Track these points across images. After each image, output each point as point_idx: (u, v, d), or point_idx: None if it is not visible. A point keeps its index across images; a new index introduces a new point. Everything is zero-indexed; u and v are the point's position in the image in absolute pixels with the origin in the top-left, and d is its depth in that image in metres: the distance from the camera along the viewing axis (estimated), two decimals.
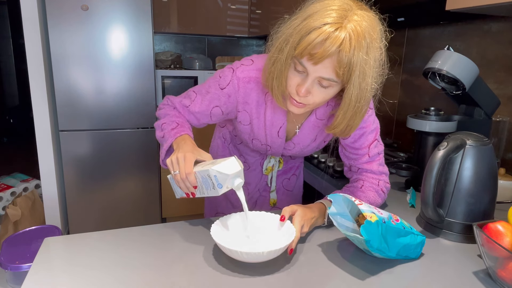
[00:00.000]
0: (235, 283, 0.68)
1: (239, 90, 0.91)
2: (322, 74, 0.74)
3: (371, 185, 0.96)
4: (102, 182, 2.41)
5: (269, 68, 0.81)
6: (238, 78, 0.90)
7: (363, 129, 0.95)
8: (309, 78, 0.76)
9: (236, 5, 2.87)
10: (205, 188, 0.80)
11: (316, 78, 0.75)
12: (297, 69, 0.77)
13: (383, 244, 0.73)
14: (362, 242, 0.74)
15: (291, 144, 1.00)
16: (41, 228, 1.87)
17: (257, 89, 0.91)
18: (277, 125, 0.95)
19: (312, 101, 0.79)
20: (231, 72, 0.91)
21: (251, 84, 0.90)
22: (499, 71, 1.33)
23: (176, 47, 3.13)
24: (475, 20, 1.41)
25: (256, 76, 0.90)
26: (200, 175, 0.78)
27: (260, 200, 1.20)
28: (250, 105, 0.93)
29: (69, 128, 2.29)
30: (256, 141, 1.00)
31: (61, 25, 2.13)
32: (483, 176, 0.85)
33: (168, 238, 0.83)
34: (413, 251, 0.78)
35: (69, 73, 2.21)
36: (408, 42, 1.76)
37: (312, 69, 0.74)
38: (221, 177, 0.76)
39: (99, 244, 0.80)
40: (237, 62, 0.93)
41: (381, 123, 1.05)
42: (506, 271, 0.66)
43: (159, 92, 2.66)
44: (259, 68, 0.90)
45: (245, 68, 0.91)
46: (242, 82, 0.90)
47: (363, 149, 0.96)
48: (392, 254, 0.75)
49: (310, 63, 0.73)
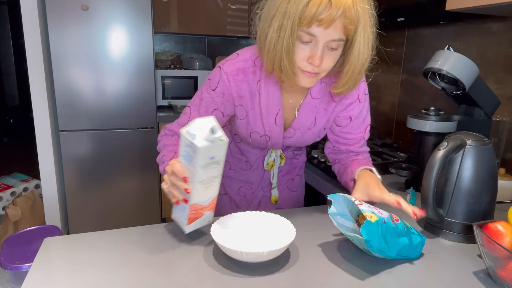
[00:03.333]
0: (235, 283, 0.68)
1: (230, 84, 0.91)
2: (333, 37, 0.75)
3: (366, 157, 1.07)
4: (102, 182, 2.41)
5: (272, 51, 0.79)
6: (226, 73, 0.90)
7: (361, 114, 1.00)
8: (319, 45, 0.76)
9: (236, 5, 2.86)
10: (192, 172, 0.73)
11: (326, 42, 0.76)
12: (304, 41, 0.76)
13: (383, 244, 0.73)
14: (362, 242, 0.74)
15: (291, 131, 1.00)
16: (41, 228, 1.87)
17: (247, 80, 0.91)
18: (273, 113, 0.95)
19: (325, 67, 0.80)
20: (218, 70, 0.91)
21: (240, 75, 0.91)
22: (499, 71, 1.33)
23: (176, 47, 3.13)
24: (475, 20, 1.42)
25: (244, 67, 0.91)
26: (181, 156, 0.74)
27: (264, 200, 1.20)
28: (244, 98, 0.93)
29: (69, 128, 2.29)
30: (255, 133, 0.99)
31: (61, 25, 2.13)
32: (483, 176, 0.85)
33: (168, 238, 0.83)
34: (413, 251, 0.77)
35: (69, 73, 2.21)
36: (408, 42, 1.76)
37: (322, 34, 0.74)
38: (192, 128, 0.71)
39: (99, 244, 0.80)
40: (222, 60, 0.94)
41: (381, 123, 1.05)
42: (506, 271, 0.66)
43: (159, 92, 2.66)
44: (245, 59, 0.91)
45: (231, 62, 0.91)
46: (231, 76, 0.90)
47: (359, 133, 1.02)
48: (392, 254, 0.75)
49: (320, 29, 0.73)
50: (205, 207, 0.80)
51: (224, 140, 0.73)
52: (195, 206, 0.78)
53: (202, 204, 0.79)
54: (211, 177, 0.76)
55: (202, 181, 0.75)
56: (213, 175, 0.76)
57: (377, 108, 1.97)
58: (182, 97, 2.76)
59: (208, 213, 0.82)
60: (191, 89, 2.78)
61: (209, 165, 0.73)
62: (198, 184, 0.75)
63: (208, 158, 0.72)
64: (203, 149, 0.69)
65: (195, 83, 2.77)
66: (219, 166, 0.76)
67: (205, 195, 0.79)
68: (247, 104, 0.94)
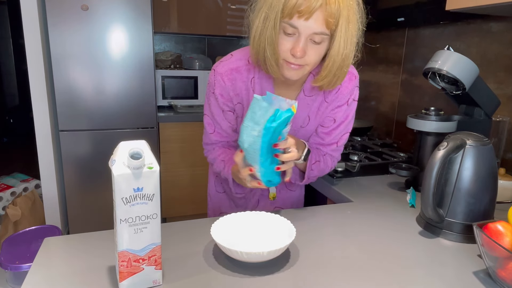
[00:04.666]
0: (235, 283, 0.68)
1: (226, 84, 0.94)
2: (314, 29, 0.76)
3: (327, 160, 1.06)
4: (102, 182, 2.41)
5: (257, 41, 0.82)
6: (220, 74, 0.93)
7: (345, 119, 1.01)
8: (302, 37, 0.77)
9: (236, 5, 2.86)
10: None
11: (308, 35, 0.77)
12: (287, 33, 0.78)
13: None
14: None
15: None
16: (41, 228, 1.87)
17: (241, 77, 0.94)
18: None
19: (309, 61, 0.81)
20: (212, 72, 0.95)
21: (233, 74, 0.93)
22: (499, 71, 1.33)
23: (176, 47, 3.13)
24: (475, 20, 1.42)
25: (237, 66, 0.93)
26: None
27: (262, 199, 1.20)
28: (240, 95, 0.96)
29: (69, 128, 2.29)
30: None
31: (61, 25, 2.13)
32: (483, 176, 0.85)
33: (168, 238, 0.83)
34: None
35: (69, 73, 2.21)
36: (408, 42, 1.76)
37: (304, 26, 0.76)
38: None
39: (99, 244, 0.80)
40: (216, 62, 0.97)
41: (381, 123, 1.05)
42: (506, 271, 0.66)
43: (159, 92, 2.66)
44: (239, 58, 0.93)
45: (224, 63, 0.95)
46: (225, 76, 0.93)
47: (336, 138, 1.03)
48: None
49: (301, 20, 0.75)
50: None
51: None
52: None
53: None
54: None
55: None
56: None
57: (377, 108, 1.97)
58: (182, 97, 2.76)
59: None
60: (191, 89, 2.78)
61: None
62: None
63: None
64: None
65: (195, 83, 2.77)
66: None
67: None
68: (243, 100, 0.97)
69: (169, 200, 2.65)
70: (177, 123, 2.53)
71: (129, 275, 0.63)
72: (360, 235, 0.88)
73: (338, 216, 0.99)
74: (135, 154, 0.60)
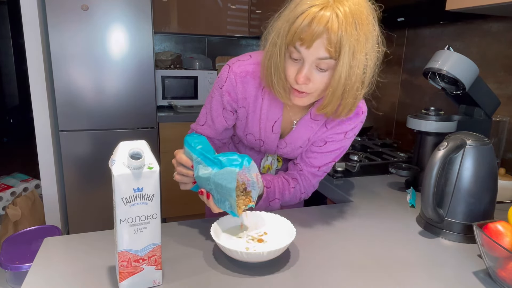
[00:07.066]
0: (235, 283, 0.68)
1: (237, 85, 0.91)
2: (318, 55, 0.75)
3: (298, 190, 1.02)
4: (102, 182, 2.41)
5: (266, 64, 0.82)
6: (235, 73, 0.91)
7: (337, 149, 0.98)
8: (306, 64, 0.77)
9: (236, 5, 2.86)
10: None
11: (313, 62, 0.76)
12: (293, 57, 0.78)
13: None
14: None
15: (283, 143, 1.00)
16: (41, 228, 1.87)
17: (254, 83, 0.92)
18: (272, 119, 0.95)
19: (314, 88, 0.80)
20: (227, 68, 0.92)
21: (247, 78, 0.91)
22: (499, 71, 1.33)
23: (176, 47, 3.13)
24: (475, 20, 1.41)
25: (253, 70, 0.91)
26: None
27: None
28: (248, 99, 0.94)
29: (69, 128, 2.29)
30: (250, 136, 1.00)
31: (61, 25, 2.13)
32: (483, 176, 0.85)
33: (168, 238, 0.83)
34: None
35: (69, 73, 2.21)
36: (408, 42, 1.76)
37: (307, 54, 0.75)
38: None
39: (99, 244, 0.80)
40: (233, 58, 0.94)
41: (381, 123, 1.05)
42: (506, 271, 0.66)
43: (159, 92, 2.66)
44: (257, 62, 0.91)
45: (241, 63, 0.92)
46: (239, 77, 0.91)
47: (318, 161, 0.99)
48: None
49: (303, 48, 0.75)
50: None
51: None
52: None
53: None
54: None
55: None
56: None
57: (377, 108, 1.97)
58: (182, 97, 2.76)
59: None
60: (191, 89, 2.78)
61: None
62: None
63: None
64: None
65: (195, 83, 2.77)
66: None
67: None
68: (249, 106, 0.95)
69: (169, 200, 2.65)
70: (177, 123, 2.53)
71: (129, 275, 0.64)
72: (360, 235, 0.88)
73: (338, 216, 0.99)
74: (135, 154, 0.61)
